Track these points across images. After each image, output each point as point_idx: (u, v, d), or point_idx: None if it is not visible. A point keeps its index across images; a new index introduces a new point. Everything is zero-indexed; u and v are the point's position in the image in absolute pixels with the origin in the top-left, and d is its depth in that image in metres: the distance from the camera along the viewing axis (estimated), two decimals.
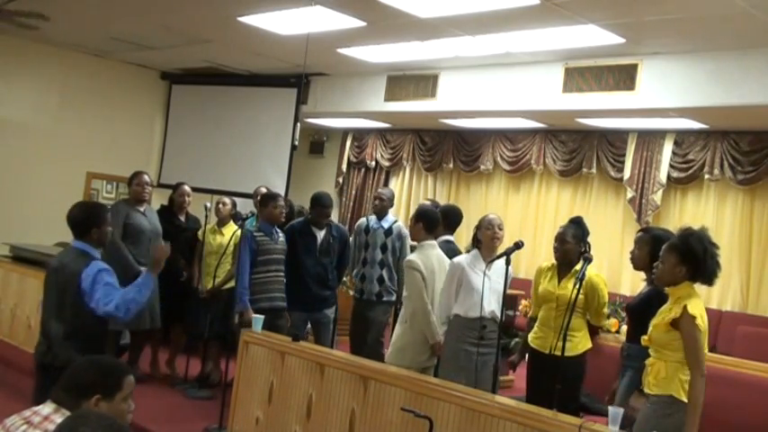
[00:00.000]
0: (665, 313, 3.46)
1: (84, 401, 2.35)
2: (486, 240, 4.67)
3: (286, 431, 4.50)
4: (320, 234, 5.78)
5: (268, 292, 5.50)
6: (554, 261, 4.60)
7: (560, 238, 4.51)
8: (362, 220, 6.22)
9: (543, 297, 4.54)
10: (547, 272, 4.61)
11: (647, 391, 3.48)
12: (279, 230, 5.67)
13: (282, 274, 5.60)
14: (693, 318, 3.34)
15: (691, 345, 3.36)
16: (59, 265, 3.86)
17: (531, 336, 4.61)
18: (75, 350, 3.61)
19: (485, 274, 4.53)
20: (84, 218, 3.87)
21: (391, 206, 6.30)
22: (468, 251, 4.84)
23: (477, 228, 4.77)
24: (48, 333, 3.81)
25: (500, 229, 4.69)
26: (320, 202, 5.76)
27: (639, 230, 4.70)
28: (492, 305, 4.56)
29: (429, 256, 4.82)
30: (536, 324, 4.60)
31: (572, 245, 4.47)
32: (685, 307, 3.36)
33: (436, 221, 4.99)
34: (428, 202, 6.36)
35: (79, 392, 2.37)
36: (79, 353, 3.52)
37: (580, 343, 4.44)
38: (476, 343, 4.49)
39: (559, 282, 4.49)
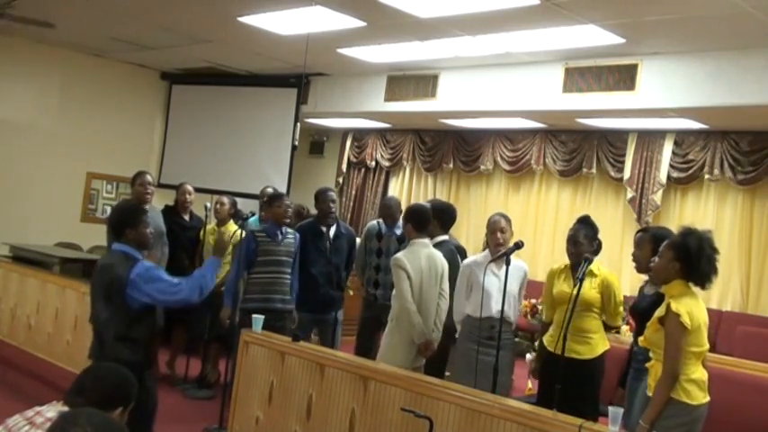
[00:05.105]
0: (658, 312, 3.45)
1: (111, 410, 2.38)
2: (490, 243, 4.71)
3: (286, 431, 4.50)
4: (329, 232, 5.76)
5: (264, 293, 5.39)
6: (566, 262, 4.56)
7: (573, 240, 4.46)
8: (373, 224, 6.01)
9: (559, 298, 4.45)
10: (560, 273, 4.54)
11: (649, 393, 3.46)
12: (287, 232, 5.53)
13: (286, 276, 5.48)
14: (677, 315, 3.30)
15: (668, 343, 3.34)
16: (103, 266, 3.82)
17: (546, 338, 4.56)
18: (127, 351, 3.63)
19: (493, 273, 4.53)
20: (118, 219, 3.88)
21: (400, 212, 6.12)
22: (483, 251, 4.85)
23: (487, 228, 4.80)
24: (100, 334, 3.77)
25: (502, 233, 4.68)
26: (323, 196, 5.77)
27: (638, 231, 4.66)
28: (501, 305, 4.55)
29: (418, 255, 4.73)
30: (551, 326, 4.55)
31: (585, 245, 4.44)
32: (669, 304, 3.35)
33: (425, 220, 4.87)
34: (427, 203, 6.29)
35: (118, 401, 2.42)
36: (131, 354, 3.59)
37: (597, 345, 4.37)
38: (482, 342, 4.48)
39: (574, 282, 4.45)
